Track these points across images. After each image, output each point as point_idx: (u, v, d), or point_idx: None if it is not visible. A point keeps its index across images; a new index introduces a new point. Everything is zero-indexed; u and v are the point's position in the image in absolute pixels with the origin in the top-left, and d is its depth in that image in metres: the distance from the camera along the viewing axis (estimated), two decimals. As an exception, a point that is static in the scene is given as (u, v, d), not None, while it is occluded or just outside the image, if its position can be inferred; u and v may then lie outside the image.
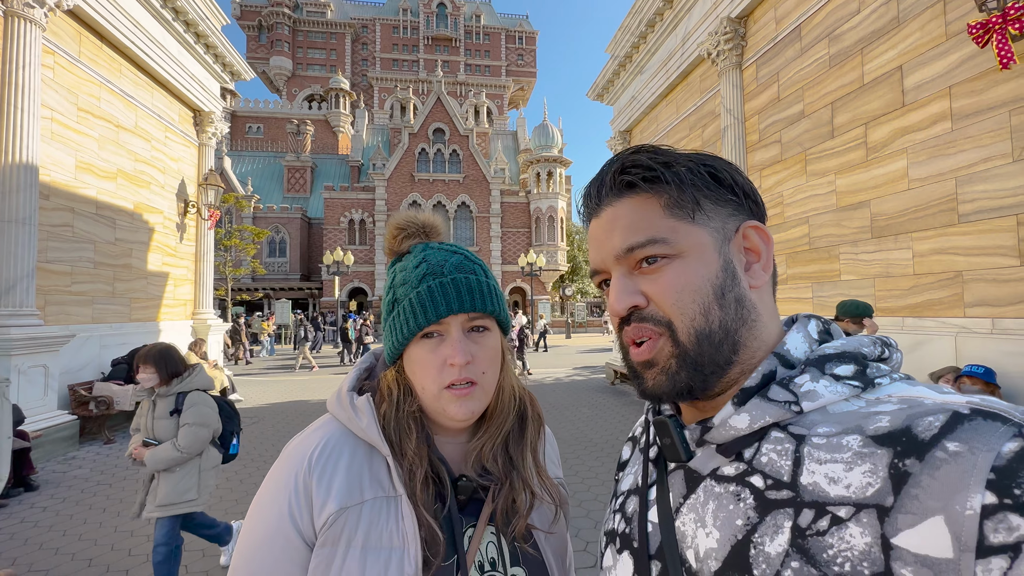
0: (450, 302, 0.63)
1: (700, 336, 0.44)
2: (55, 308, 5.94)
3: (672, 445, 0.47)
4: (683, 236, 0.45)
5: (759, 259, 0.48)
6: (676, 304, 0.45)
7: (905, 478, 0.32)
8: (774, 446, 0.41)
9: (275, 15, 50.68)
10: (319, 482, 0.58)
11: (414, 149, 29.76)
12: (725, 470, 0.43)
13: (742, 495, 0.41)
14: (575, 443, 5.67)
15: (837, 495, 0.35)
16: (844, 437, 0.37)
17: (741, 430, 0.42)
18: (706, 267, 0.45)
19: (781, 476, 0.39)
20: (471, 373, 0.62)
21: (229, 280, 21.56)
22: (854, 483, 0.35)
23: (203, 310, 9.25)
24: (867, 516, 0.33)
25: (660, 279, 0.45)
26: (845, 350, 0.43)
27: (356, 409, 0.63)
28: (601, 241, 0.49)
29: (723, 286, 0.45)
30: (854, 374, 0.41)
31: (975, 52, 3.58)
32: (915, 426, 0.34)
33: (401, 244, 0.71)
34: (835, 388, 0.40)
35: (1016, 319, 3.39)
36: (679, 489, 0.46)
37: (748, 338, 0.45)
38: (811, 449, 0.38)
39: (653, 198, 0.47)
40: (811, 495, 0.36)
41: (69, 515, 3.79)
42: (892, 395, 0.39)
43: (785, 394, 0.41)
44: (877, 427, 0.36)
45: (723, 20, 6.36)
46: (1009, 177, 3.42)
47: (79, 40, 6.33)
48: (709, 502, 0.43)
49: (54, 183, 5.90)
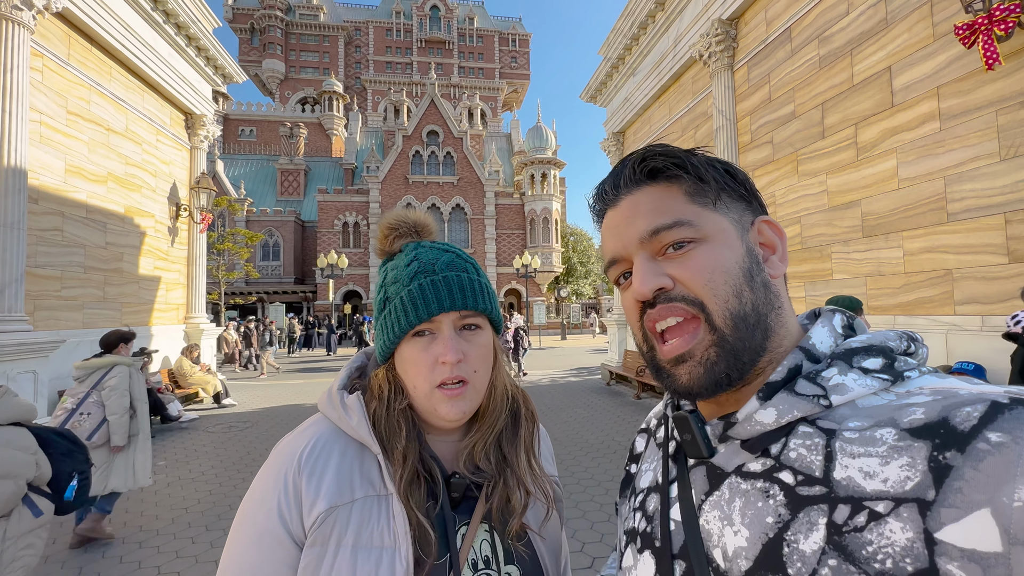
0: (441, 300, 0.62)
1: (736, 318, 0.43)
2: (45, 313, 5.87)
3: (693, 441, 0.46)
4: (707, 221, 0.46)
5: (775, 252, 0.48)
6: (708, 284, 0.44)
7: (947, 471, 0.31)
8: (803, 441, 0.40)
9: (267, 18, 50.50)
10: (309, 481, 0.57)
11: (408, 151, 29.72)
12: (751, 466, 0.42)
13: (771, 491, 0.40)
14: (571, 444, 5.66)
15: (874, 490, 0.34)
16: (877, 430, 0.36)
17: (767, 425, 0.41)
18: (732, 251, 0.45)
19: (812, 471, 0.38)
20: (463, 371, 0.62)
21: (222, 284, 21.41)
22: (891, 477, 0.34)
23: (196, 314, 9.17)
24: (907, 511, 0.32)
25: (689, 261, 0.45)
26: (872, 343, 0.42)
27: (346, 408, 0.63)
28: (621, 228, 0.48)
29: (751, 269, 0.45)
30: (882, 367, 0.40)
31: (962, 53, 3.63)
32: (953, 417, 0.33)
33: (392, 244, 0.70)
34: (864, 381, 0.40)
35: (1005, 316, 3.43)
36: (701, 486, 0.45)
37: (776, 324, 0.45)
38: (843, 443, 0.37)
39: (675, 186, 0.47)
40: (846, 490, 0.36)
41: (59, 522, 3.74)
42: (923, 387, 0.38)
43: (813, 388, 0.40)
44: (912, 419, 0.35)
45: (714, 22, 6.41)
46: (996, 176, 3.46)
47: (68, 43, 6.27)
48: (735, 499, 0.42)
49: (43, 187, 5.84)
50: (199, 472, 4.89)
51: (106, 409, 3.28)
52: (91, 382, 3.34)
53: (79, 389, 3.32)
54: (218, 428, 6.77)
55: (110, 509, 3.46)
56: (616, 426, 6.54)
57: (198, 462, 5.24)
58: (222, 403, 8.34)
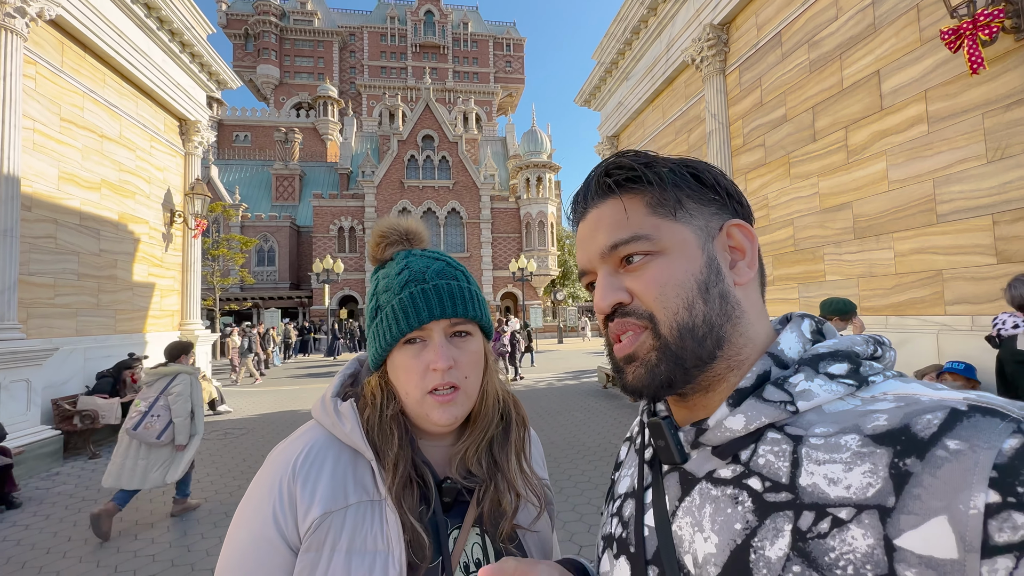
0: (432, 308, 0.64)
1: (683, 329, 0.44)
2: (38, 321, 5.84)
3: (666, 447, 0.46)
4: (666, 233, 0.46)
5: (744, 257, 0.48)
6: (659, 298, 0.45)
7: (906, 478, 0.32)
8: (771, 447, 0.40)
9: (261, 23, 50.56)
10: (303, 487, 0.59)
11: (403, 156, 29.74)
12: (721, 472, 0.43)
13: (740, 498, 0.40)
14: (568, 447, 5.67)
15: (837, 496, 0.35)
16: (842, 437, 0.37)
17: (737, 431, 0.42)
18: (689, 263, 0.45)
19: (779, 478, 0.38)
20: (454, 378, 0.63)
21: (217, 290, 21.31)
22: (854, 484, 0.34)
23: (190, 321, 9.13)
24: (869, 517, 0.33)
25: (643, 275, 0.46)
26: (838, 349, 0.42)
27: (340, 414, 0.64)
28: (587, 242, 0.50)
29: (707, 281, 0.45)
30: (848, 372, 0.41)
31: (948, 57, 3.69)
32: (914, 424, 0.34)
33: (384, 251, 0.72)
34: (829, 387, 0.40)
35: (994, 316, 3.47)
36: (674, 492, 0.46)
37: (733, 334, 0.45)
38: (809, 450, 0.38)
39: (636, 198, 0.47)
40: (811, 497, 0.36)
41: (53, 532, 3.71)
42: (887, 393, 0.39)
43: (780, 394, 0.41)
44: (875, 426, 0.36)
45: (706, 27, 6.48)
46: (984, 178, 3.51)
47: (62, 50, 6.26)
48: (706, 505, 0.42)
49: (36, 194, 5.82)
50: (195, 480, 4.86)
51: (172, 412, 3.73)
52: (158, 388, 3.79)
53: (148, 393, 3.76)
54: (214, 435, 6.73)
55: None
56: (612, 429, 6.55)
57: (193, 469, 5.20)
58: (217, 410, 8.29)
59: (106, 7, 6.69)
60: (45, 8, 5.59)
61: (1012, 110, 3.33)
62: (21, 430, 5.11)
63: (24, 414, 5.20)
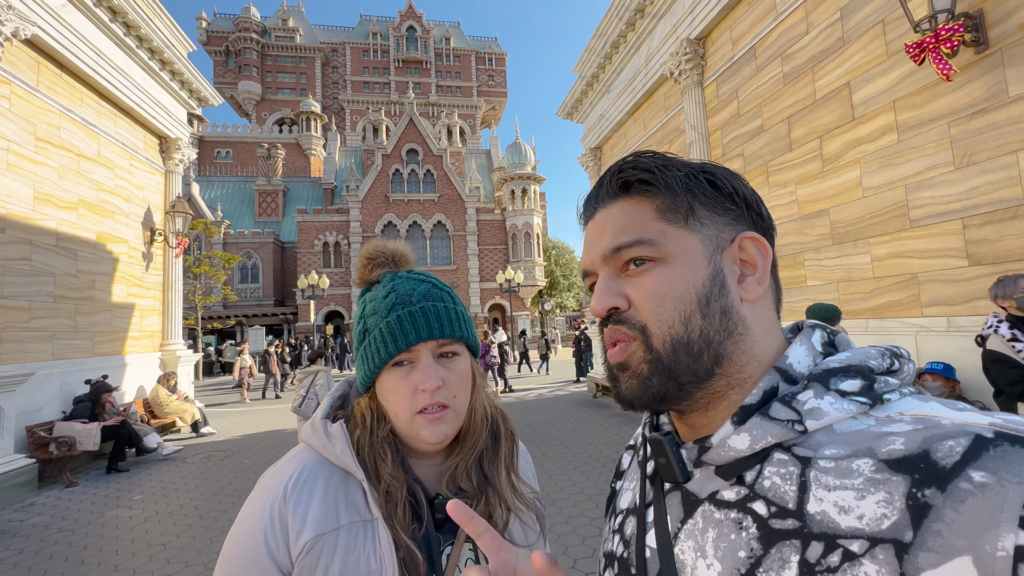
0: (419, 330, 0.65)
1: (676, 344, 0.42)
2: (12, 346, 5.66)
3: (668, 465, 0.44)
4: (672, 240, 0.44)
5: (755, 271, 0.46)
6: (655, 310, 0.43)
7: (926, 511, 0.29)
8: (777, 469, 0.38)
9: (242, 40, 50.44)
10: (295, 510, 0.59)
11: (388, 170, 29.73)
12: (725, 494, 0.40)
13: (744, 523, 0.38)
14: (559, 458, 5.65)
15: (848, 527, 0.32)
16: (854, 461, 0.34)
17: (741, 451, 0.39)
18: (692, 274, 0.43)
19: (786, 503, 0.36)
20: (442, 397, 0.64)
21: (199, 309, 20.90)
22: (867, 513, 0.31)
23: (172, 341, 8.93)
24: (883, 552, 0.30)
25: (643, 283, 0.44)
26: (851, 363, 0.40)
27: (330, 436, 0.65)
28: (592, 242, 0.49)
29: (708, 295, 0.43)
30: (861, 389, 0.38)
31: (914, 69, 3.84)
32: (934, 451, 0.31)
33: (371, 273, 0.73)
34: (841, 405, 0.37)
35: (968, 316, 3.58)
36: (676, 512, 0.44)
37: (734, 351, 0.43)
38: (818, 473, 0.35)
39: (646, 201, 0.46)
40: (820, 526, 0.33)
41: (28, 567, 3.56)
42: (904, 413, 0.36)
43: (787, 412, 0.38)
44: (891, 450, 0.33)
45: (683, 41, 6.66)
46: (952, 184, 3.65)
47: (37, 69, 6.17)
48: (709, 529, 0.40)
49: (10, 215, 5.68)
50: (177, 505, 4.73)
51: (318, 397, 5.10)
52: (308, 383, 5.21)
53: (304, 384, 5.22)
54: (197, 458, 6.56)
55: None
56: (603, 438, 6.54)
57: (176, 495, 5.06)
58: (200, 432, 8.09)
59: (84, 26, 6.63)
60: (20, 28, 5.51)
61: (976, 119, 3.48)
62: (-7, 460, 4.91)
63: (-3, 443, 5.01)
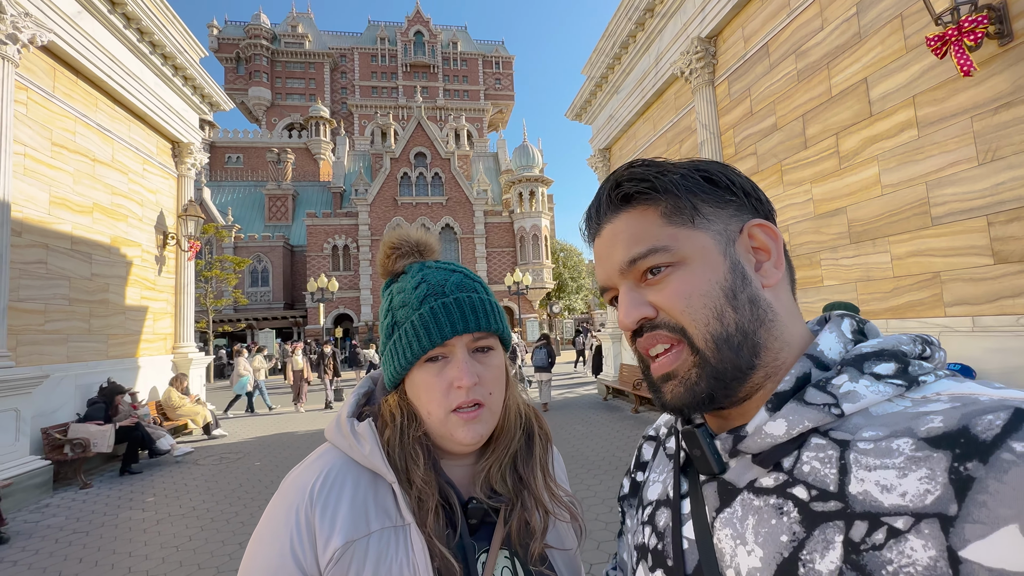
0: (455, 323, 0.61)
1: (718, 341, 0.42)
2: (28, 348, 5.72)
3: (702, 456, 0.45)
4: (684, 242, 0.44)
5: (769, 257, 0.46)
6: (686, 310, 0.43)
7: (969, 483, 0.30)
8: (816, 453, 0.38)
9: (253, 47, 51.08)
10: (322, 516, 0.55)
11: (396, 173, 29.87)
12: (763, 481, 0.41)
13: (785, 508, 0.38)
14: (571, 462, 5.59)
15: (892, 504, 0.32)
16: (894, 440, 0.34)
17: (778, 437, 0.40)
18: (712, 270, 0.44)
19: (827, 486, 0.36)
20: (478, 395, 0.60)
21: (210, 312, 21.11)
22: (910, 491, 0.32)
23: (184, 344, 9.00)
24: (929, 527, 0.30)
25: (666, 287, 0.44)
26: (884, 348, 0.40)
27: (358, 436, 0.61)
28: (604, 258, 0.49)
29: (733, 287, 0.43)
30: (896, 372, 0.39)
31: (934, 63, 3.76)
32: (973, 425, 0.31)
33: (396, 264, 0.69)
34: (877, 388, 0.38)
35: (994, 316, 3.48)
36: (712, 502, 0.44)
37: (768, 339, 0.43)
38: (858, 455, 0.36)
39: (650, 208, 0.46)
40: (862, 505, 0.34)
41: (43, 568, 3.58)
42: (940, 393, 0.36)
43: (823, 396, 0.39)
44: (930, 428, 0.33)
45: (693, 40, 6.59)
46: (976, 180, 3.55)
47: (54, 75, 6.26)
48: (748, 517, 0.40)
49: (27, 219, 5.75)
50: (190, 507, 4.73)
51: None
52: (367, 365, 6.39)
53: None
54: (208, 460, 6.58)
55: None
56: (616, 441, 6.47)
57: (188, 496, 5.07)
58: (212, 434, 8.13)
59: (99, 32, 6.72)
60: (37, 35, 5.60)
61: (1000, 113, 3.39)
62: (9, 461, 4.96)
63: (12, 445, 5.06)
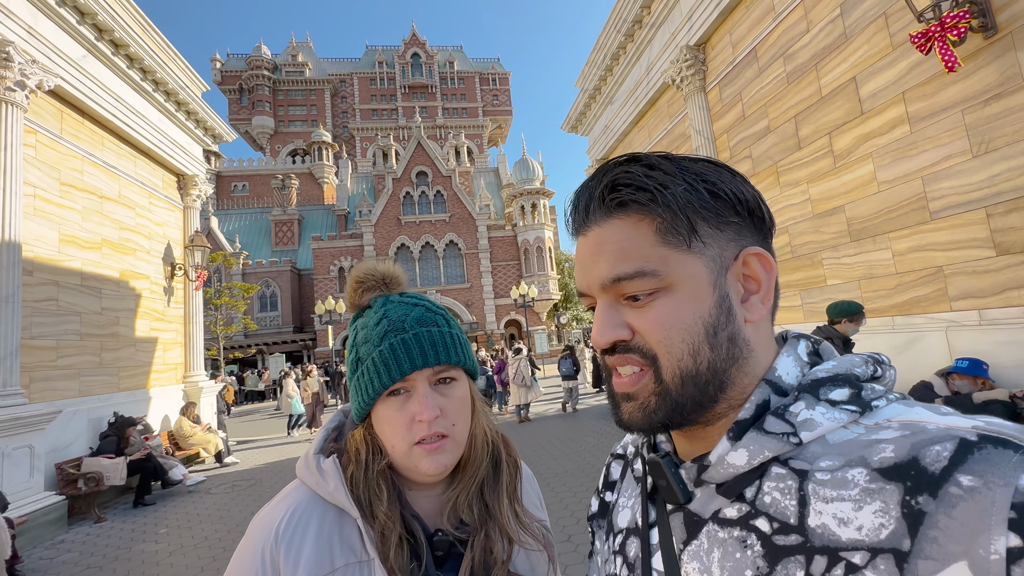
0: (414, 358, 0.62)
1: (685, 377, 0.41)
2: (40, 384, 5.81)
3: (668, 487, 0.44)
4: (675, 267, 0.41)
5: (759, 288, 0.44)
6: (663, 342, 0.41)
7: (920, 518, 0.30)
8: (776, 483, 0.38)
9: (255, 78, 52.29)
10: (287, 555, 0.56)
11: (399, 193, 30.20)
12: (727, 512, 0.40)
13: (748, 541, 0.38)
14: (581, 475, 5.52)
15: (849, 539, 0.33)
16: (848, 471, 0.35)
17: (740, 467, 0.39)
18: (699, 303, 0.41)
19: (787, 518, 0.36)
20: (441, 427, 0.61)
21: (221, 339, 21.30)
22: (865, 524, 0.32)
23: (194, 373, 9.08)
24: (884, 562, 0.31)
25: (648, 313, 0.42)
26: (838, 372, 0.40)
27: (323, 472, 0.62)
28: (587, 264, 0.45)
29: (716, 324, 0.41)
30: (849, 398, 0.39)
31: (921, 59, 3.77)
32: (922, 457, 0.32)
33: (361, 297, 0.70)
34: (832, 415, 0.38)
35: (1001, 308, 3.42)
36: (680, 533, 0.43)
37: (738, 376, 0.42)
38: (816, 486, 0.36)
39: (645, 220, 0.42)
40: (821, 539, 0.34)
41: None
42: (891, 419, 0.36)
43: (782, 425, 0.38)
44: (882, 458, 0.34)
45: (682, 48, 6.67)
46: (972, 172, 3.53)
47: (61, 118, 6.45)
48: (714, 549, 0.40)
49: (38, 258, 5.88)
50: (202, 537, 4.73)
51: None
52: None
53: None
54: (220, 489, 6.59)
55: None
56: (627, 452, 6.39)
57: (201, 527, 5.07)
58: (224, 462, 8.14)
59: (103, 74, 6.93)
60: (44, 80, 5.79)
61: (991, 105, 3.38)
62: (24, 498, 5.00)
63: (27, 481, 5.10)
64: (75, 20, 6.28)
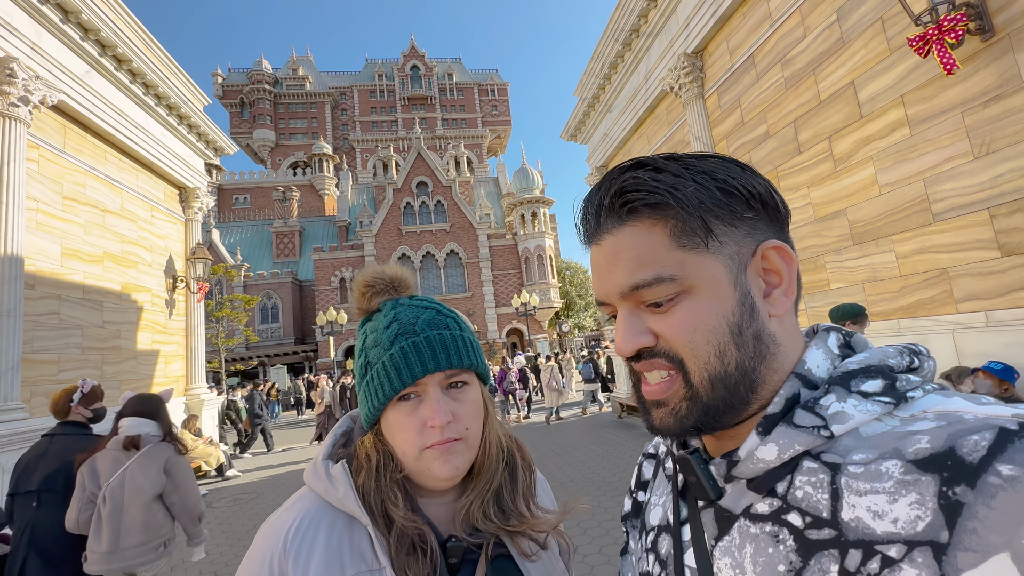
0: (425, 362, 0.60)
1: (714, 380, 0.41)
2: (42, 399, 5.77)
3: (698, 483, 0.44)
4: (693, 269, 0.41)
5: (781, 282, 0.44)
6: (689, 345, 0.41)
7: (958, 509, 0.29)
8: (808, 478, 0.37)
9: (256, 91, 52.85)
10: (295, 563, 0.54)
11: (399, 203, 30.34)
12: (759, 508, 0.40)
13: (780, 536, 0.37)
14: (587, 483, 5.46)
15: (884, 532, 0.32)
16: (882, 463, 0.34)
17: (770, 462, 0.39)
18: (721, 303, 0.41)
19: (820, 512, 0.36)
20: (454, 432, 0.60)
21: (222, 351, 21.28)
22: (901, 517, 0.31)
23: (196, 385, 9.05)
24: (921, 555, 0.30)
25: (670, 318, 0.42)
26: (870, 364, 0.39)
27: (332, 479, 0.60)
28: (604, 273, 0.45)
29: (740, 323, 0.41)
30: (883, 389, 0.38)
31: (919, 62, 3.78)
32: (959, 447, 0.31)
33: (370, 302, 0.69)
34: (865, 407, 0.37)
35: (1009, 310, 3.40)
36: (711, 530, 0.43)
37: (767, 373, 0.42)
38: (848, 479, 0.35)
39: (658, 224, 0.42)
40: (855, 533, 0.33)
41: None
42: (927, 410, 0.36)
43: (812, 418, 0.38)
44: (917, 449, 0.33)
45: (680, 56, 6.72)
46: (974, 174, 3.53)
47: (63, 132, 6.50)
48: (746, 545, 0.39)
49: (40, 272, 5.89)
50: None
51: None
52: None
53: None
54: (222, 502, 6.53)
55: None
56: (631, 460, 6.33)
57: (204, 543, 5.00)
58: (225, 475, 8.08)
59: (106, 88, 7.00)
60: (47, 95, 5.84)
61: (990, 106, 3.38)
62: (24, 514, 4.95)
63: (27, 497, 5.06)
64: (79, 36, 6.35)
